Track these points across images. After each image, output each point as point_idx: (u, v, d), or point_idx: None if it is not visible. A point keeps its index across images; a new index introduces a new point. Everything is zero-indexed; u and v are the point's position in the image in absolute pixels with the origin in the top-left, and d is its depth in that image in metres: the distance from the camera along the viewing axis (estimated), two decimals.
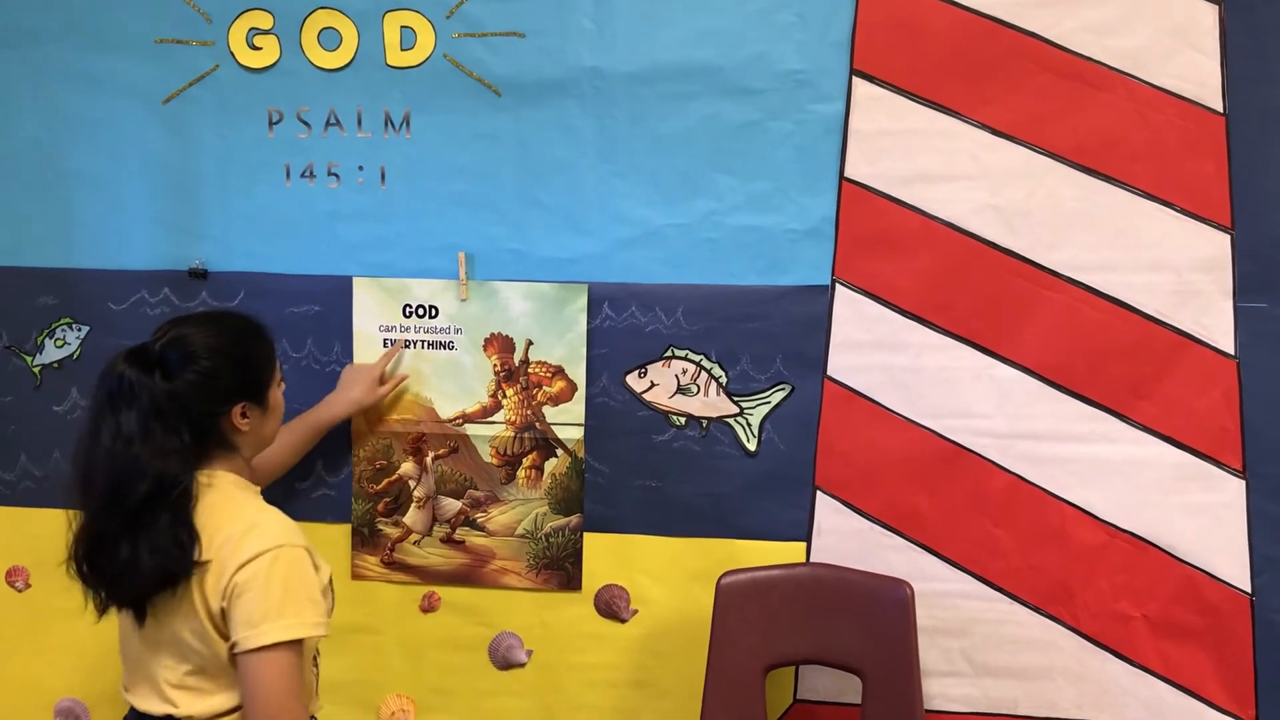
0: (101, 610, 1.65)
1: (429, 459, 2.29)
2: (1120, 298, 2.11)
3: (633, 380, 2.25)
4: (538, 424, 2.27)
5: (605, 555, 2.28)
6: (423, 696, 2.35)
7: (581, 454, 2.27)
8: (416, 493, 2.31)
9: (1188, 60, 2.07)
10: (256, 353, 1.73)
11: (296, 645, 1.58)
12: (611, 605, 2.29)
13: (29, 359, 2.37)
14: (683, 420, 2.25)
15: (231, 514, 1.64)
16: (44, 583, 2.39)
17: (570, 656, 2.31)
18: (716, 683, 2.11)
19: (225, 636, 1.60)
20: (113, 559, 1.58)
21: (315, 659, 1.80)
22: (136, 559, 1.57)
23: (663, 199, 2.20)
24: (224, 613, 1.60)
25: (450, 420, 2.28)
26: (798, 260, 2.19)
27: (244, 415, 1.68)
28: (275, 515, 1.67)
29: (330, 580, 1.73)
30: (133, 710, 1.71)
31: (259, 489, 1.77)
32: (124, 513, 1.56)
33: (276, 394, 1.76)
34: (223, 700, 1.65)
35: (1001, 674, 2.19)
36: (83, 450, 1.61)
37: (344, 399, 2.20)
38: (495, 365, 2.27)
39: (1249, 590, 2.10)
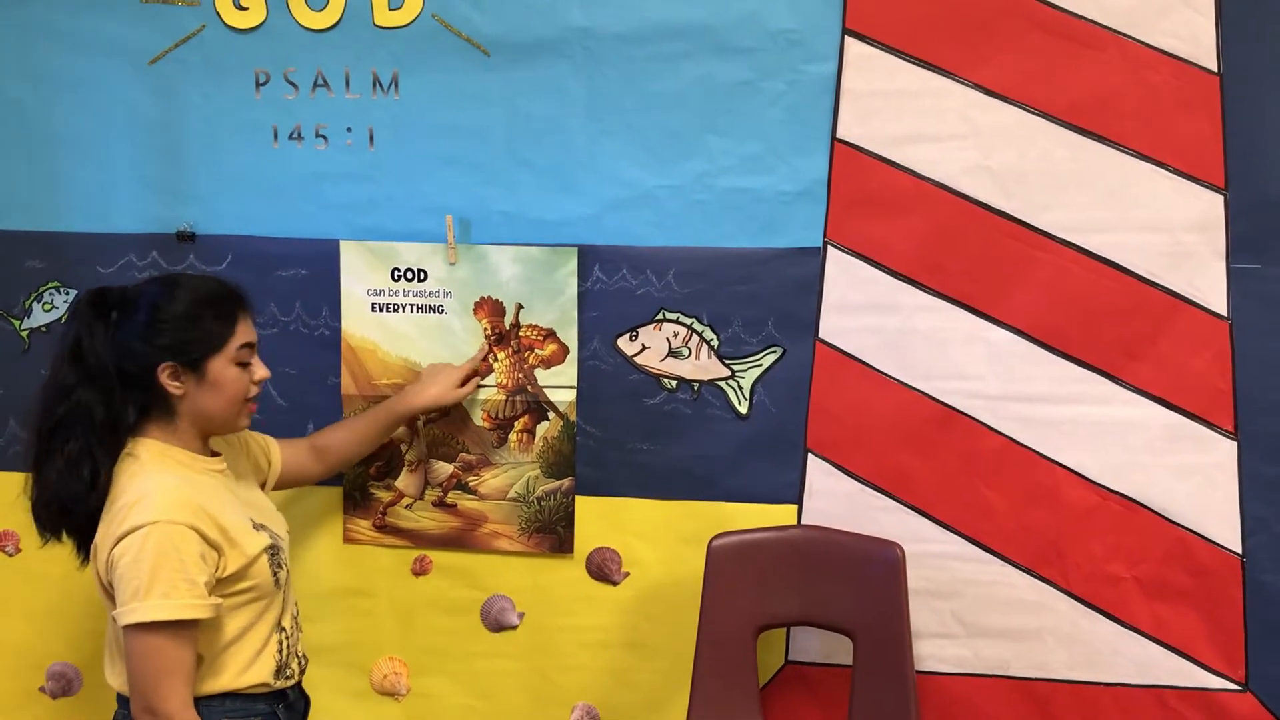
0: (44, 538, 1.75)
1: (420, 422, 2.29)
2: (1113, 259, 2.10)
3: (624, 343, 2.24)
4: (529, 387, 2.26)
5: (597, 518, 2.28)
6: (415, 658, 2.35)
7: (573, 417, 2.26)
8: (408, 456, 2.30)
9: (1182, 18, 2.04)
10: (202, 318, 1.71)
11: (167, 626, 1.57)
12: (603, 568, 2.29)
13: (16, 323, 2.35)
14: (674, 383, 2.24)
15: (130, 487, 1.65)
16: (35, 547, 2.33)
17: (562, 619, 2.31)
18: (708, 644, 2.12)
19: None
20: (38, 483, 1.70)
21: (284, 623, 1.80)
22: (46, 482, 1.68)
23: (654, 160, 2.18)
24: (111, 586, 1.62)
25: None
26: (789, 222, 2.17)
27: (174, 378, 1.69)
28: (167, 490, 1.64)
29: (272, 551, 1.75)
30: None
31: (203, 459, 1.77)
32: (45, 432, 1.67)
33: (224, 370, 1.73)
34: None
35: (992, 635, 2.19)
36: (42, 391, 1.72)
37: (423, 393, 2.17)
38: (486, 329, 2.26)
39: (1240, 551, 2.10)
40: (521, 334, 2.25)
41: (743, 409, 2.23)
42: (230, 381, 1.74)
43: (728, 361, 2.22)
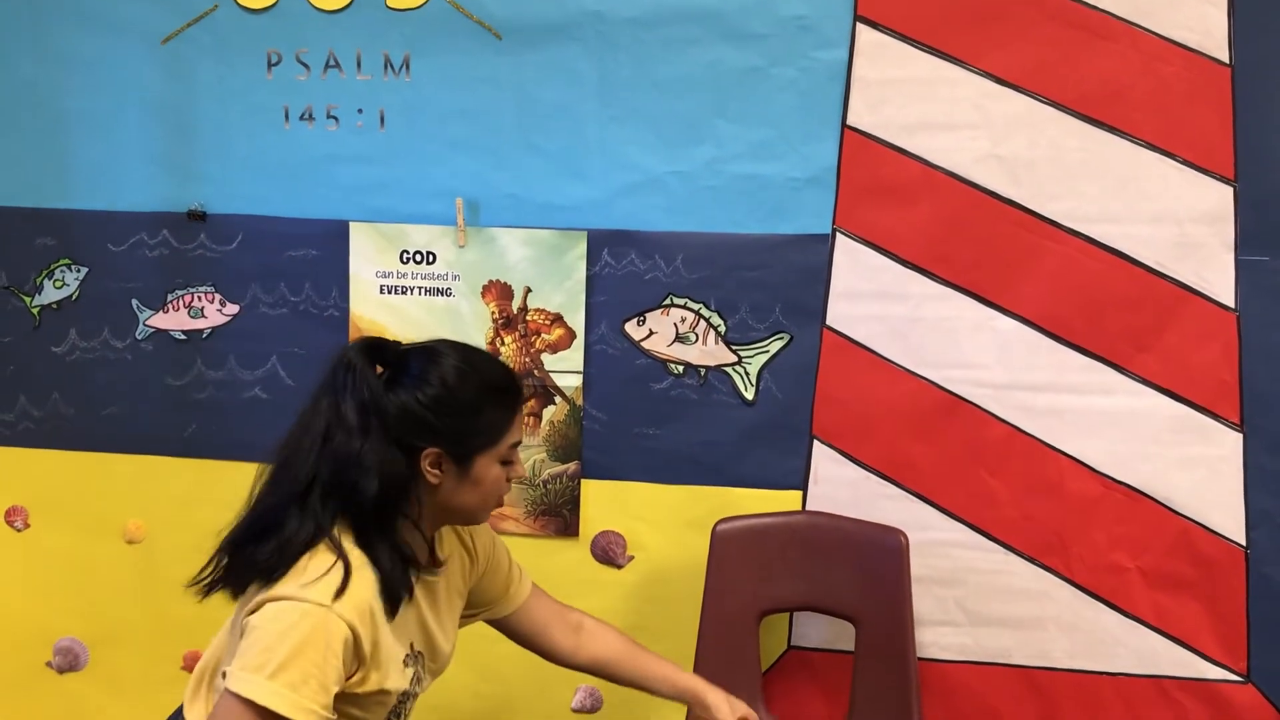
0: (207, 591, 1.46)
1: None
2: (1121, 249, 2.10)
3: (631, 328, 2.25)
4: (536, 371, 2.27)
5: (602, 502, 2.29)
6: None
7: (580, 401, 2.27)
8: None
9: (1194, 10, 2.04)
10: (483, 409, 1.48)
11: (272, 715, 1.31)
12: (608, 551, 2.30)
13: (28, 300, 2.37)
14: (681, 368, 2.25)
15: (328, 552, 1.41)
16: (43, 522, 2.40)
17: (567, 601, 2.30)
18: (711, 628, 2.13)
19: None
20: (249, 529, 1.44)
21: None
22: (259, 530, 1.42)
23: (664, 145, 2.19)
24: (244, 627, 1.38)
25: None
26: (799, 209, 2.18)
27: (435, 466, 1.46)
28: (354, 578, 1.39)
29: (403, 697, 1.51)
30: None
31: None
32: (352, 508, 1.42)
33: (489, 468, 1.50)
34: None
35: (995, 623, 2.20)
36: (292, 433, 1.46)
37: (711, 697, 1.75)
38: (493, 312, 2.27)
39: (1243, 543, 2.10)
40: (529, 318, 2.26)
41: (749, 395, 2.23)
42: (492, 480, 1.52)
43: (735, 347, 2.23)
